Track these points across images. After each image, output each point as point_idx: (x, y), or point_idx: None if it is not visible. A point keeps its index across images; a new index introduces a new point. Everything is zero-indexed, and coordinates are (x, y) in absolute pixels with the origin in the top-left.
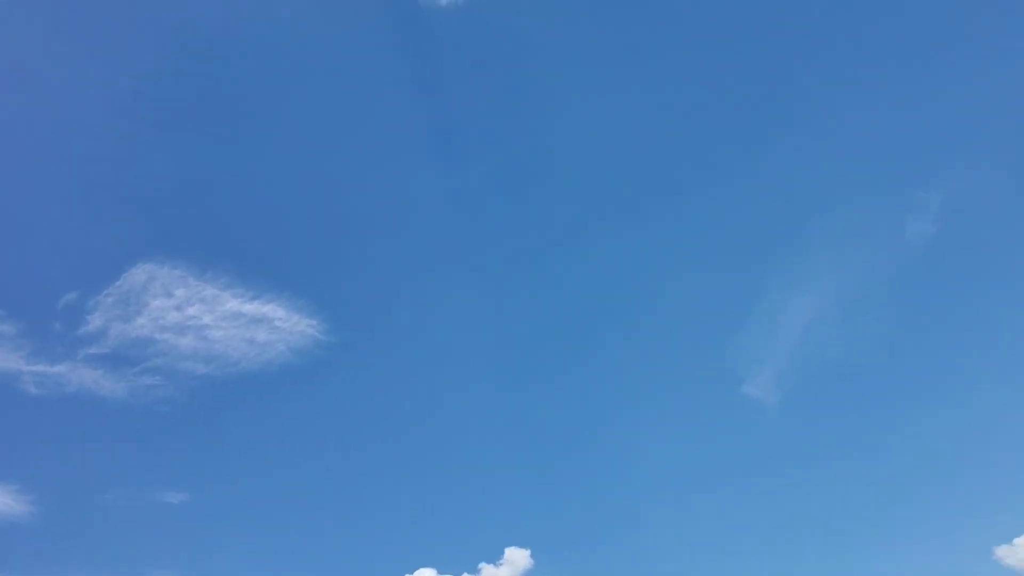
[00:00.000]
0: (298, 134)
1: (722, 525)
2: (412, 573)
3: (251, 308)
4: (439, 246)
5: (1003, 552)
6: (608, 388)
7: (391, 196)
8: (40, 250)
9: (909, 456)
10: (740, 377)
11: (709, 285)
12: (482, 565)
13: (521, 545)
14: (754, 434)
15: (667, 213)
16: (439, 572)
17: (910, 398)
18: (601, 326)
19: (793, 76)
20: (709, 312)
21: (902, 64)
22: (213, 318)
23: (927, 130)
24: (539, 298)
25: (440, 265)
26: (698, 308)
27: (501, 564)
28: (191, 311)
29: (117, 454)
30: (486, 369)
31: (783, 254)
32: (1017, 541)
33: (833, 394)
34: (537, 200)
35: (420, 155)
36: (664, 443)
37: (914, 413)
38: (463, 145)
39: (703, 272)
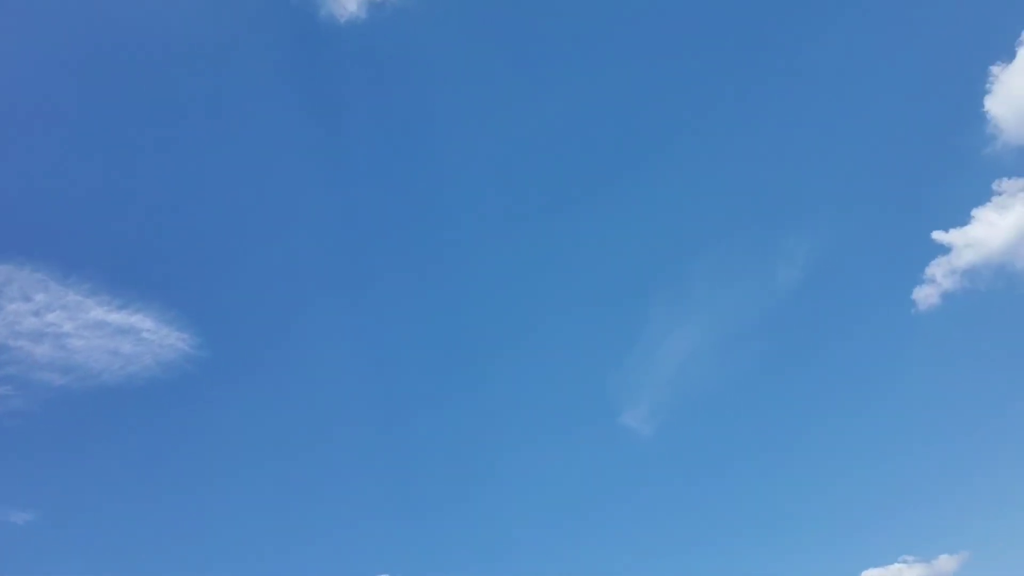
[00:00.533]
0: (180, 142)
1: (599, 551)
2: None
3: (117, 317)
4: (321, 263)
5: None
6: (486, 419)
7: (275, 210)
8: None
9: (777, 483)
10: (618, 408)
11: (590, 320)
12: None
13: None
14: (629, 463)
15: (550, 248)
16: None
17: (779, 429)
18: (481, 357)
19: (671, 116)
20: (589, 346)
21: (774, 112)
22: (74, 326)
23: (796, 179)
24: (418, 325)
25: (322, 284)
26: (579, 342)
27: None
28: (50, 317)
29: None
30: (362, 397)
31: (662, 292)
32: (865, 573)
33: (706, 425)
34: (423, 223)
35: (309, 171)
36: (541, 473)
37: (782, 443)
38: (356, 161)
39: (584, 307)
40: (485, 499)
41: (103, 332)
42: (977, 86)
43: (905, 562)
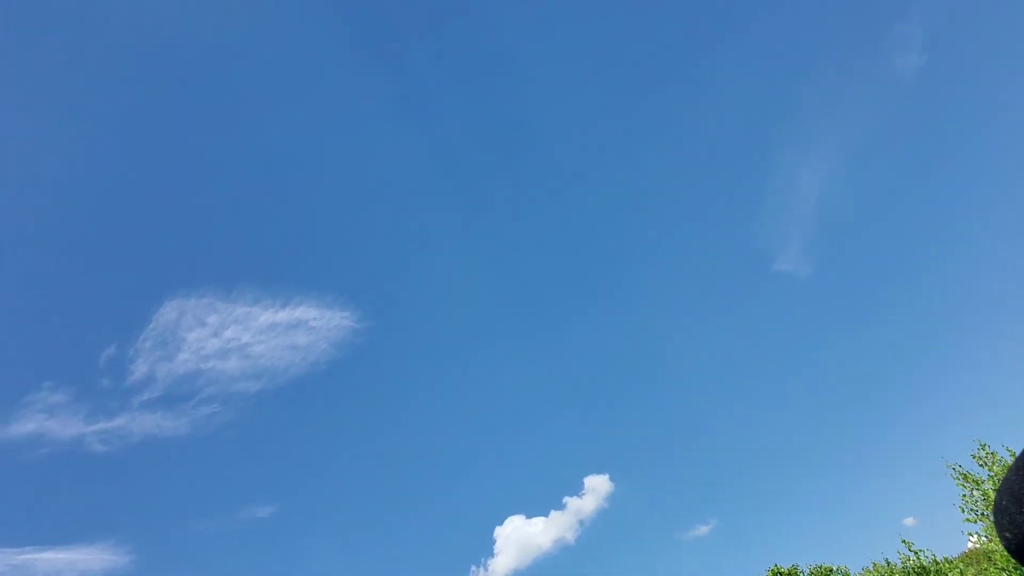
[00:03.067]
0: (282, 138)
1: (781, 407)
2: (502, 523)
3: (284, 316)
4: (438, 214)
5: None
6: (645, 301)
7: (384, 179)
8: (66, 312)
9: (938, 297)
10: (770, 256)
11: (722, 176)
12: (566, 499)
13: (599, 471)
14: (793, 307)
15: (663, 118)
16: (527, 516)
17: (924, 239)
18: (624, 246)
19: None
20: (727, 202)
21: None
22: (251, 335)
23: None
24: (551, 240)
25: (445, 230)
26: (716, 200)
27: (584, 494)
28: (228, 334)
29: (197, 484)
30: (522, 317)
31: (783, 126)
32: None
33: (856, 252)
34: (525, 149)
35: (401, 133)
36: (713, 340)
37: (932, 253)
38: (438, 113)
39: (714, 164)
40: (666, 380)
41: (276, 332)
42: None
43: None
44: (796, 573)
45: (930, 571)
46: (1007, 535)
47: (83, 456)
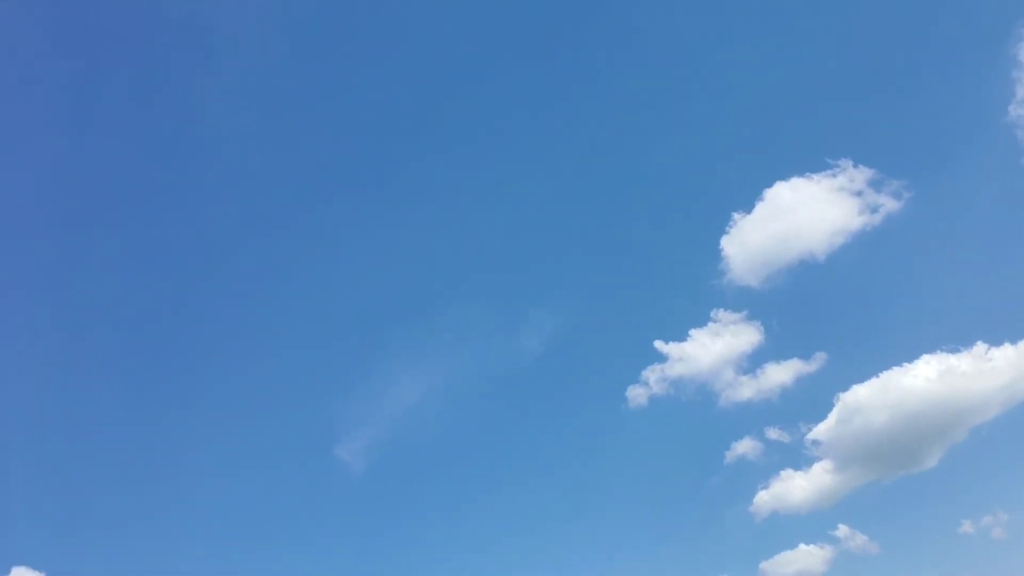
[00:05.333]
0: None
1: None
2: None
3: None
4: None
5: None
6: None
7: None
8: None
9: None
10: (334, 440)
11: (323, 346)
12: None
13: None
14: (336, 495)
15: (284, 281)
16: None
17: (494, 481)
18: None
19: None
20: (317, 373)
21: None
22: None
23: (550, 264)
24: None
25: None
26: (307, 367)
27: None
28: None
29: None
30: None
31: (406, 334)
32: None
33: (417, 469)
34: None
35: None
36: (247, 496)
37: (493, 497)
38: None
39: (318, 331)
40: (177, 517)
41: None
42: (718, 226)
43: None
44: None
45: None
46: None
47: None
